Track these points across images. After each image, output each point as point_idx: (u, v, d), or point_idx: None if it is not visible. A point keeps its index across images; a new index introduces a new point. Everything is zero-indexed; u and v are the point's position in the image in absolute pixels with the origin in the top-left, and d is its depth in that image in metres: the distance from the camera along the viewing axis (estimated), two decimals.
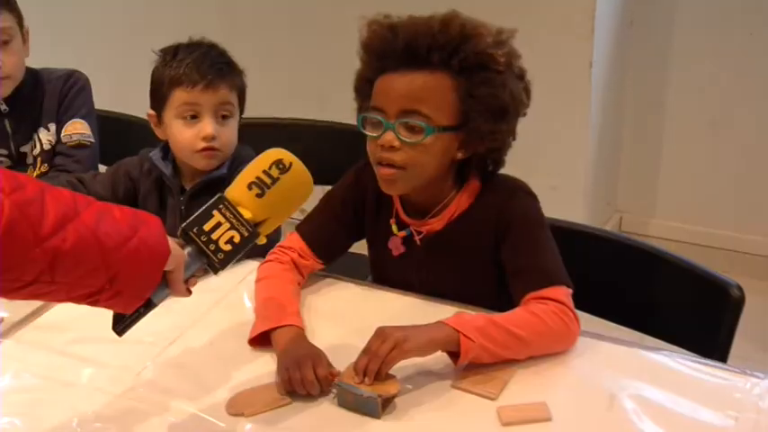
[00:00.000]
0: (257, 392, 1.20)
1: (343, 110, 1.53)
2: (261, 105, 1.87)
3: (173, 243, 1.02)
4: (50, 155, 1.99)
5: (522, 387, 1.20)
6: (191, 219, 1.09)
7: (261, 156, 1.15)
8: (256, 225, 1.11)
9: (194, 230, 1.07)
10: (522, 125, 1.39)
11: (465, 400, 1.18)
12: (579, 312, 1.30)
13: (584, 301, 1.36)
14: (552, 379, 1.23)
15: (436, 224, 1.41)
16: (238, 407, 1.18)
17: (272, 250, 1.48)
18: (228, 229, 1.07)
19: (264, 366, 1.28)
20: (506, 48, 1.32)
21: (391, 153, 1.31)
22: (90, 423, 1.17)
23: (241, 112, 1.70)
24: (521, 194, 1.38)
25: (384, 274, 1.52)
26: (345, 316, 1.41)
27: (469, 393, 1.19)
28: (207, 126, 1.63)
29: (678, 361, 1.26)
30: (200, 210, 1.09)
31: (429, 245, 1.43)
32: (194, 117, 1.64)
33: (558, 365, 1.25)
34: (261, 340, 1.32)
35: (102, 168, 1.90)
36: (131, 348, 1.28)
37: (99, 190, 1.74)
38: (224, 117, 1.65)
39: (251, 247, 1.10)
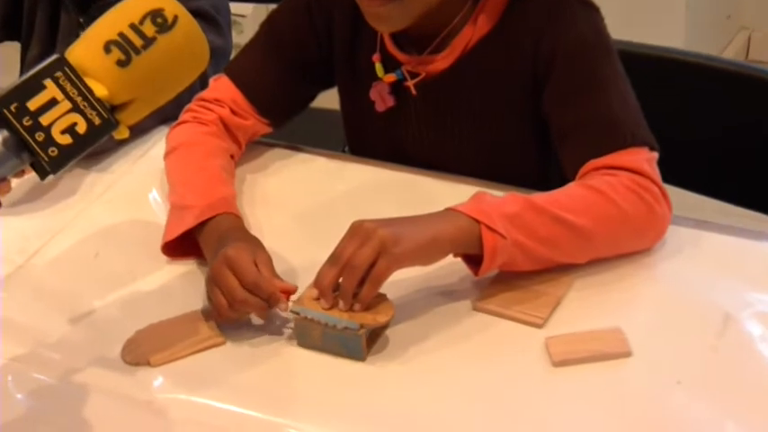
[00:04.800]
0: (170, 328, 1.13)
1: None
2: None
3: None
4: None
5: (583, 307, 1.11)
6: (7, 89, 0.98)
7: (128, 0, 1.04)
8: (114, 109, 1.00)
9: (12, 108, 0.97)
10: None
11: (494, 330, 1.10)
12: (671, 189, 1.20)
13: (681, 171, 1.34)
14: (629, 293, 1.14)
15: (441, 62, 1.30)
16: (140, 352, 1.10)
17: (187, 106, 1.37)
18: (69, 111, 0.98)
19: (179, 288, 1.19)
20: None
21: None
22: None
23: None
24: (571, 6, 1.26)
25: (364, 138, 1.44)
26: (308, 205, 1.34)
27: (501, 318, 1.11)
28: None
29: None
30: (24, 76, 0.98)
31: (430, 94, 1.33)
32: None
33: (638, 271, 1.16)
34: (182, 246, 1.22)
35: None
36: None
37: None
38: None
39: (104, 142, 1.01)
